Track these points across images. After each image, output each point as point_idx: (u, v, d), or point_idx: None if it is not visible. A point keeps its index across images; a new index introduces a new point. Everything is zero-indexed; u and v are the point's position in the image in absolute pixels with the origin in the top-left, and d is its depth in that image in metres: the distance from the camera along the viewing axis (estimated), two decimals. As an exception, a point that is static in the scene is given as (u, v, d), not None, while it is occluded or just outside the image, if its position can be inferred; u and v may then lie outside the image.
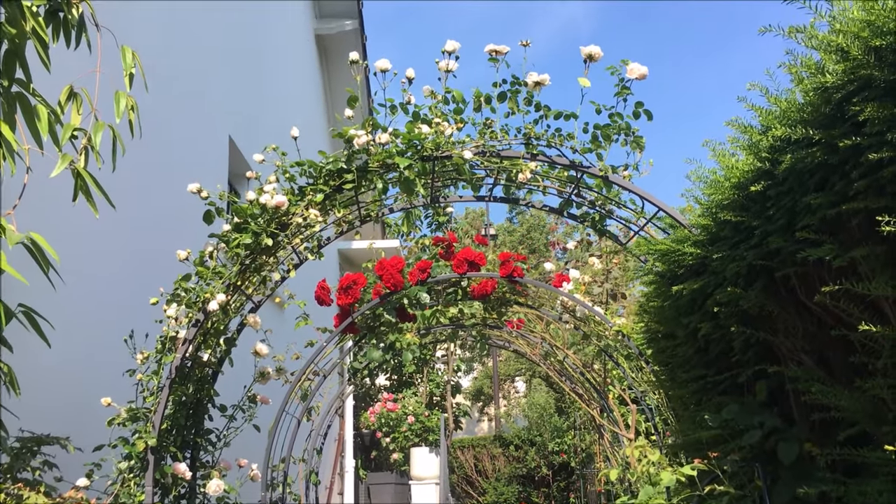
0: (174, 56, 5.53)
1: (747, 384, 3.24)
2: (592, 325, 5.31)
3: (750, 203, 2.72)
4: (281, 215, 3.18)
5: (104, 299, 4.11)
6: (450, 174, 3.63)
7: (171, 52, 5.47)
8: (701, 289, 3.28)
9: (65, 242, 3.58)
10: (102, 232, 4.01)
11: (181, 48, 5.71)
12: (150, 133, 4.33)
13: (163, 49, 5.30)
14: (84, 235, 3.83)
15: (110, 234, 4.14)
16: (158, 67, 5.10)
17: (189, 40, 5.91)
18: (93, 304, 3.97)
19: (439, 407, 14.56)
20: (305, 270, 5.53)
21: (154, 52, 5.07)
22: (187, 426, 3.50)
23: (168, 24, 5.50)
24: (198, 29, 6.13)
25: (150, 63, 4.46)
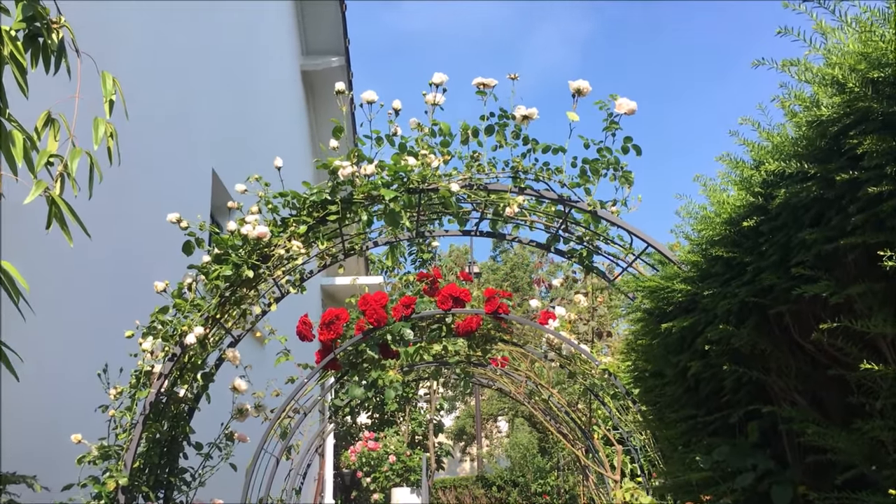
0: (158, 87, 5.48)
1: (739, 425, 3.17)
2: (578, 364, 5.23)
3: (742, 239, 2.67)
4: (263, 247, 3.10)
5: (78, 331, 4.00)
6: (436, 207, 3.57)
7: (155, 83, 5.42)
8: (691, 326, 3.22)
9: (38, 272, 3.48)
10: (78, 262, 3.91)
11: (166, 80, 5.66)
12: (131, 163, 4.26)
13: (147, 80, 5.25)
14: (58, 265, 3.73)
15: (86, 265, 4.05)
16: (142, 97, 5.05)
17: (175, 72, 5.86)
18: (66, 336, 3.86)
19: (421, 446, 14.36)
20: (287, 306, 5.43)
21: (138, 81, 5.01)
22: (161, 465, 3.38)
23: (154, 55, 5.46)
24: (184, 61, 6.09)
25: (133, 92, 4.42)
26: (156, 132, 5.31)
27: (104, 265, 4.30)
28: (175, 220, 3.12)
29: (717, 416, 3.21)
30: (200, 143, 6.34)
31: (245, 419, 3.70)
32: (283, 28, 10.13)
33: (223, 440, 3.69)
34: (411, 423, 14.36)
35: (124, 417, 3.07)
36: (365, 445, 12.81)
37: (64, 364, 3.78)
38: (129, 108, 4.27)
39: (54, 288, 3.73)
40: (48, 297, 3.62)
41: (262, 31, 9.06)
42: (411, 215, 3.48)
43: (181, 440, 3.52)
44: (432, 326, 5.28)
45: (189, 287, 3.12)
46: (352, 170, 3.13)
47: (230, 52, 7.53)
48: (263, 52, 9.15)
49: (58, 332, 3.74)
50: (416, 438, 14.49)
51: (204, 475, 3.67)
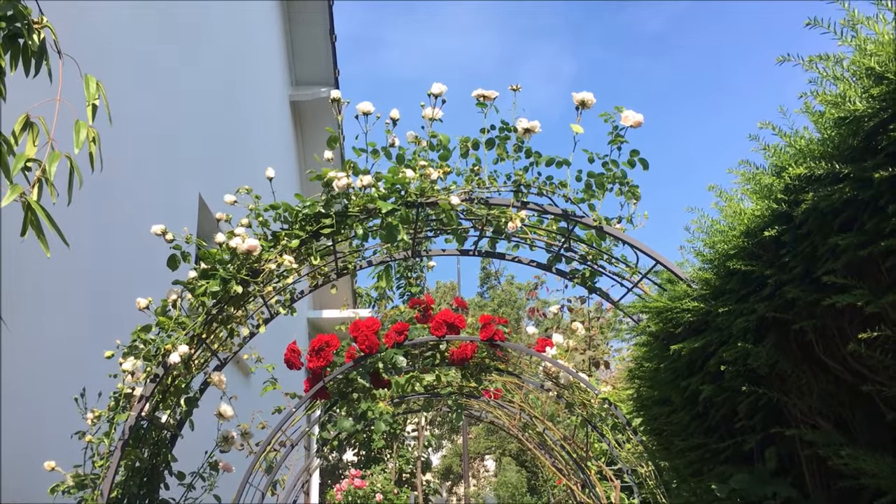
0: (147, 109, 5.33)
1: (754, 452, 3.00)
2: (577, 394, 5.05)
3: (761, 251, 2.53)
4: (253, 261, 2.93)
5: (55, 352, 3.78)
6: (433, 224, 3.42)
7: (144, 104, 5.27)
8: (702, 348, 3.07)
9: (11, 286, 3.29)
10: (55, 276, 3.72)
11: (155, 102, 5.51)
12: (117, 180, 4.11)
13: (137, 101, 5.10)
14: (34, 279, 3.53)
15: (64, 279, 3.84)
16: (130, 116, 4.90)
17: (164, 96, 5.72)
18: (41, 356, 3.64)
19: (408, 484, 14.04)
20: (273, 337, 5.25)
21: (127, 101, 4.87)
22: (140, 495, 3.16)
23: (143, 78, 5.31)
24: (173, 85, 5.95)
25: (121, 110, 4.26)
26: (143, 154, 5.15)
27: (84, 280, 4.08)
28: (160, 231, 2.95)
29: (729, 444, 3.05)
30: (187, 167, 6.19)
31: (230, 448, 3.50)
32: (272, 58, 10.05)
33: (207, 470, 3.48)
34: (399, 460, 14.06)
35: (102, 444, 2.87)
36: (351, 483, 12.48)
37: (39, 387, 3.57)
38: (116, 129, 4.13)
39: (29, 304, 3.53)
40: (21, 314, 3.42)
41: (251, 61, 8.97)
42: (408, 231, 3.33)
43: (162, 469, 3.31)
44: (426, 354, 5.10)
45: (174, 304, 2.94)
46: (347, 181, 2.98)
47: (219, 79, 7.42)
48: (252, 81, 9.05)
49: (33, 353, 3.54)
50: (403, 476, 14.17)
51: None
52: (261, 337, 5.61)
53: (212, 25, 7.17)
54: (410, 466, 14.29)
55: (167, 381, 3.07)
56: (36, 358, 3.54)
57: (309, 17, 10.38)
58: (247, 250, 2.88)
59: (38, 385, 3.55)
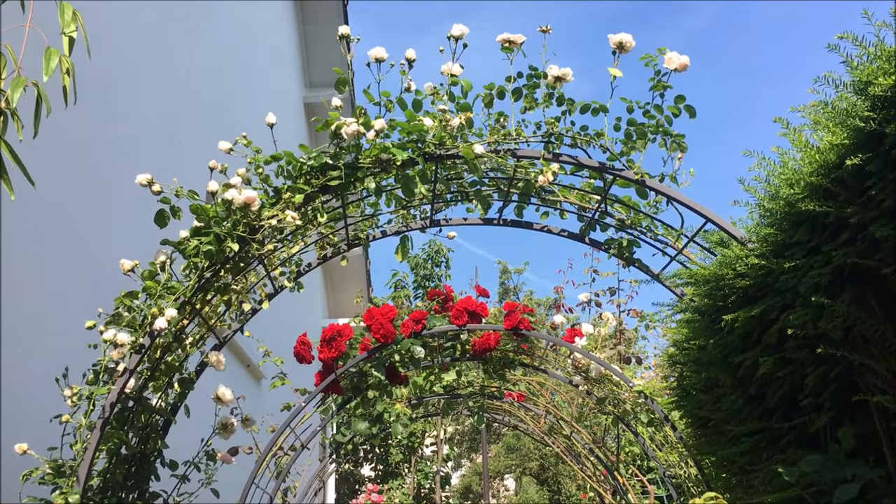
0: (150, 103, 5.01)
1: (825, 433, 2.61)
2: (609, 387, 4.67)
3: (839, 188, 2.17)
4: (251, 218, 2.60)
5: (37, 324, 3.41)
6: (454, 190, 3.08)
7: (148, 97, 4.96)
8: (760, 316, 2.69)
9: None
10: (27, 235, 3.37)
11: (158, 98, 5.20)
12: (114, 164, 3.80)
13: (140, 93, 4.79)
14: (14, 245, 3.19)
15: (51, 243, 3.48)
16: (131, 106, 4.60)
17: (168, 95, 5.41)
18: (20, 331, 3.27)
19: (427, 501, 13.60)
20: (288, 342, 4.90)
21: (130, 91, 4.57)
22: (128, 486, 2.82)
23: (148, 77, 5.00)
24: (177, 85, 5.64)
25: (123, 100, 3.93)
26: (144, 157, 4.81)
27: (73, 247, 3.70)
28: (146, 181, 2.62)
29: (796, 423, 2.66)
30: (190, 166, 5.87)
31: (230, 436, 3.14)
32: (286, 59, 9.79)
33: (203, 459, 3.13)
34: (417, 474, 13.62)
35: (82, 425, 2.52)
36: (368, 498, 12.07)
37: (17, 365, 3.21)
38: (118, 122, 3.81)
39: (7, 272, 3.19)
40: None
41: (262, 61, 8.70)
42: (428, 189, 2.99)
43: (153, 458, 2.96)
44: (445, 346, 4.73)
45: (162, 267, 2.61)
46: (357, 128, 2.65)
47: (230, 78, 7.12)
48: (264, 82, 8.78)
49: (11, 327, 3.18)
50: (422, 492, 13.73)
51: (181, 501, 3.10)
52: (274, 339, 5.28)
53: (219, 26, 6.89)
54: (429, 482, 13.85)
55: (156, 354, 2.73)
56: (14, 330, 3.19)
57: (322, 16, 10.12)
58: (244, 203, 2.55)
59: (14, 365, 3.21)
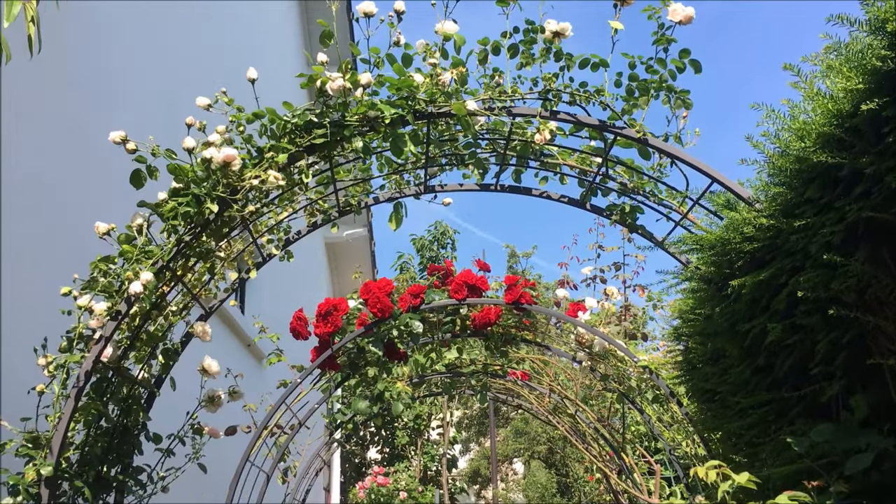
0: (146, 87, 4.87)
1: (837, 401, 2.48)
2: (613, 362, 4.54)
3: (853, 138, 2.03)
4: (232, 178, 2.47)
5: (14, 293, 3.27)
6: (448, 145, 2.95)
7: (143, 84, 4.82)
8: (768, 280, 2.56)
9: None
10: (13, 202, 3.24)
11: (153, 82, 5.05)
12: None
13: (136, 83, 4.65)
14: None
15: (25, 207, 3.34)
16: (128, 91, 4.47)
17: (163, 75, 5.26)
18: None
19: (434, 482, 13.53)
20: (288, 314, 4.77)
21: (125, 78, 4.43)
22: (109, 460, 2.71)
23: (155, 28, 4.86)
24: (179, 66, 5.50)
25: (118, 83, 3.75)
26: (142, 117, 4.67)
27: (38, 203, 3.53)
28: (119, 139, 2.50)
29: (806, 392, 2.53)
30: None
31: (217, 409, 3.03)
32: (287, 36, 9.63)
33: (188, 433, 3.02)
34: (423, 457, 13.55)
35: (54, 393, 2.42)
36: (374, 480, 12.01)
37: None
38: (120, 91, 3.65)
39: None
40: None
41: (264, 39, 8.54)
42: (420, 153, 2.86)
43: (136, 432, 2.85)
44: (445, 321, 4.61)
45: (139, 230, 2.49)
46: (343, 83, 2.51)
47: (230, 54, 6.96)
48: (265, 59, 8.62)
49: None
50: (428, 474, 13.66)
51: (166, 477, 2.99)
52: (276, 321, 5.17)
53: (219, 3, 6.73)
54: (436, 464, 13.79)
55: (134, 322, 2.61)
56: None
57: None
58: (223, 162, 2.42)
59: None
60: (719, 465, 2.13)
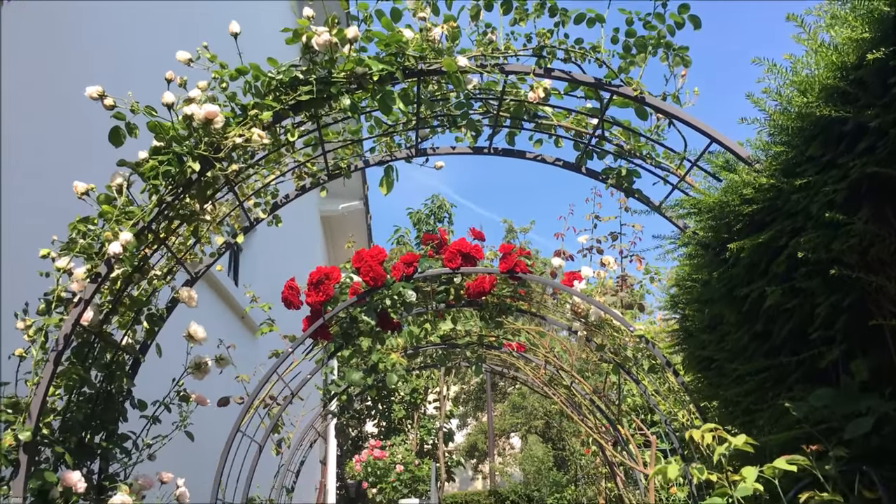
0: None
1: (837, 366, 2.42)
2: (609, 332, 4.48)
3: (858, 90, 1.95)
4: (214, 136, 2.39)
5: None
6: (440, 106, 2.86)
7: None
8: (767, 243, 2.49)
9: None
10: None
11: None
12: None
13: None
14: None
15: (8, 169, 3.24)
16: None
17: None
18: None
19: (430, 456, 13.56)
20: (281, 287, 4.69)
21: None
22: (92, 427, 2.65)
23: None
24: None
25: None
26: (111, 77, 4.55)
27: (14, 162, 3.42)
28: (96, 94, 2.40)
29: (805, 357, 2.47)
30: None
31: (204, 376, 2.97)
32: (274, 4, 9.44)
33: (174, 399, 2.96)
34: (420, 430, 13.56)
35: (34, 357, 2.35)
36: (370, 454, 12.03)
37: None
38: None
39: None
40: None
41: (251, 4, 8.37)
42: (410, 109, 2.78)
43: (121, 399, 2.79)
44: (438, 290, 4.55)
45: (119, 190, 2.41)
46: (329, 38, 2.42)
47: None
48: (251, 20, 8.47)
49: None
50: (424, 447, 13.69)
51: (153, 446, 2.93)
52: (270, 295, 5.09)
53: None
54: (432, 438, 13.81)
55: (116, 286, 2.54)
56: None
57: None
58: (205, 118, 2.33)
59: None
60: (715, 428, 2.07)
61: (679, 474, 2.08)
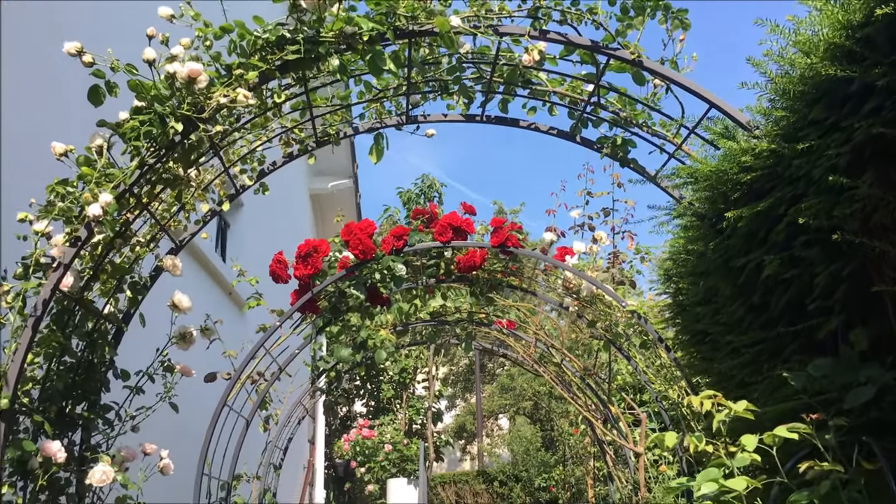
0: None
1: (831, 341, 2.37)
2: (601, 307, 4.43)
3: (865, 49, 1.89)
4: (198, 96, 2.31)
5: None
6: (430, 70, 2.78)
7: None
8: (767, 211, 2.44)
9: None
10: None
11: None
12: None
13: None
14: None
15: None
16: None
17: None
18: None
19: (419, 435, 13.55)
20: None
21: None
22: (73, 396, 2.58)
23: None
24: None
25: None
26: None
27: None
28: (75, 51, 2.31)
29: (802, 327, 2.42)
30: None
31: (189, 346, 2.90)
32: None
33: (159, 369, 2.89)
34: (408, 410, 13.55)
35: (11, 322, 2.27)
36: (359, 433, 12.00)
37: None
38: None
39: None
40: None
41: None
42: (398, 72, 2.70)
43: (103, 369, 2.72)
44: (428, 265, 4.48)
45: (99, 151, 2.33)
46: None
47: None
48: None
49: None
50: (413, 427, 13.68)
51: (136, 417, 2.87)
52: (258, 272, 5.01)
53: None
54: (421, 418, 13.79)
55: (97, 251, 2.46)
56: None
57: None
58: (188, 77, 2.25)
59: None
60: (714, 395, 2.02)
61: (676, 443, 2.04)
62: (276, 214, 8.98)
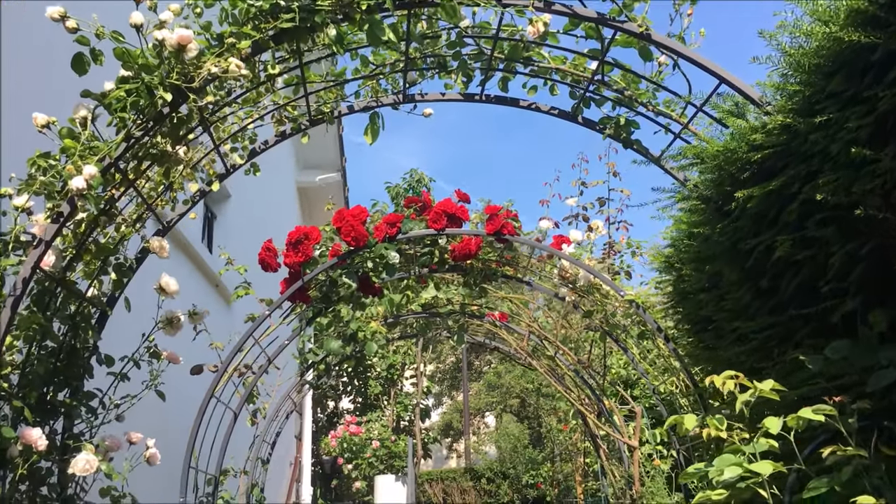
0: None
1: (845, 322, 2.28)
2: (597, 297, 4.35)
3: (889, 14, 1.80)
4: (188, 66, 2.19)
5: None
6: (429, 44, 2.68)
7: None
8: (779, 190, 2.35)
9: None
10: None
11: None
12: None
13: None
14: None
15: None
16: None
17: None
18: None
19: (407, 432, 13.44)
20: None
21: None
22: (55, 382, 2.47)
23: None
24: None
25: None
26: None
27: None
28: (58, 15, 2.19)
29: (815, 311, 2.33)
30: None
31: (177, 332, 2.79)
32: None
33: (144, 356, 2.77)
34: (396, 407, 13.43)
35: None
36: (346, 430, 11.88)
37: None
38: None
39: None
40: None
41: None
42: (399, 54, 2.60)
43: (87, 354, 2.60)
44: (422, 253, 4.38)
45: (83, 123, 2.21)
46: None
47: None
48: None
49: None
50: (401, 424, 13.56)
51: (121, 405, 2.75)
52: (246, 264, 4.89)
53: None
54: (409, 414, 13.68)
55: (81, 229, 2.35)
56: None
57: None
58: (177, 44, 2.14)
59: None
60: (736, 375, 1.93)
61: (696, 425, 1.94)
62: (262, 207, 8.85)
